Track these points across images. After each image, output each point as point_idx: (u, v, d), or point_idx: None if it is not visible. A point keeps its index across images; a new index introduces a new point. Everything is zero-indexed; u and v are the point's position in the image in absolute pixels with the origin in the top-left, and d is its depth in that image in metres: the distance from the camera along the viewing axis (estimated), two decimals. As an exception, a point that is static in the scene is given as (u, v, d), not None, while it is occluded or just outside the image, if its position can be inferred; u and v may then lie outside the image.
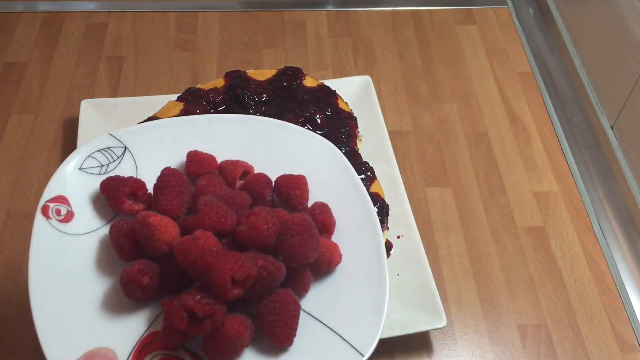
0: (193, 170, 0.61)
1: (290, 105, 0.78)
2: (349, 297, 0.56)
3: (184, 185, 0.58)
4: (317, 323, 0.55)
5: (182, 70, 0.97)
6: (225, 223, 0.55)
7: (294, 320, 0.53)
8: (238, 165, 0.62)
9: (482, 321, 0.73)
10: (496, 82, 0.98)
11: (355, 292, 0.56)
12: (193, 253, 0.52)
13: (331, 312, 0.55)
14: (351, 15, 1.07)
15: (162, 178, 0.58)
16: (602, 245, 0.80)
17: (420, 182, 0.85)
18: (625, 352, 0.71)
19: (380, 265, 0.56)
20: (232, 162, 0.62)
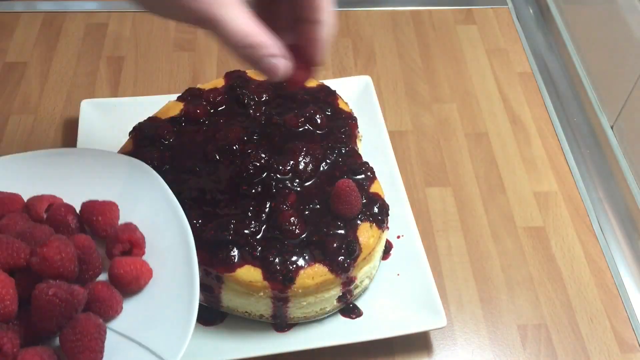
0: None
1: (290, 105, 0.78)
2: (159, 312, 0.57)
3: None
4: (127, 341, 0.56)
5: (182, 70, 0.97)
6: (18, 258, 0.56)
7: (97, 342, 0.54)
8: (43, 199, 0.62)
9: (482, 321, 0.73)
10: (496, 82, 0.98)
11: (165, 305, 0.58)
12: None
13: (141, 328, 0.57)
14: (351, 15, 1.07)
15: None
16: (602, 245, 0.80)
17: (420, 182, 0.85)
18: (625, 352, 0.71)
19: (190, 276, 0.58)
20: (37, 197, 0.63)
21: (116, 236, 0.60)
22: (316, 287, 0.65)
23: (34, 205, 0.62)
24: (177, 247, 0.60)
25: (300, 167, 0.71)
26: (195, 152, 0.73)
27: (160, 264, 0.60)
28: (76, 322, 0.54)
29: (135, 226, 0.61)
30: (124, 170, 0.66)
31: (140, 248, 0.61)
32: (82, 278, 0.58)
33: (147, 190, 0.64)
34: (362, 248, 0.67)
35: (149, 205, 0.63)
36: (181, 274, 0.59)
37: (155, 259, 0.60)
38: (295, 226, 0.66)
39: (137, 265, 0.59)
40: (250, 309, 0.68)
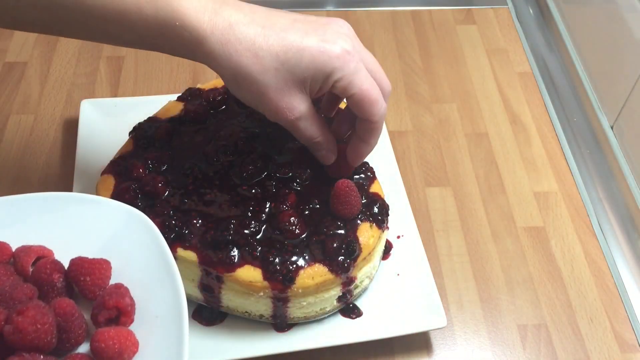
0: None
1: (290, 105, 0.78)
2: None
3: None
4: None
5: (182, 70, 0.97)
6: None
7: None
8: (31, 251, 0.58)
9: (482, 321, 0.73)
10: (496, 82, 0.98)
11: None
12: None
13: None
14: (351, 15, 1.07)
15: None
16: (602, 245, 0.80)
17: (420, 182, 0.85)
18: (625, 352, 0.71)
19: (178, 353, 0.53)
20: (25, 248, 0.59)
21: (103, 302, 0.56)
22: (316, 287, 0.65)
23: (20, 258, 0.58)
24: (169, 317, 0.55)
25: (300, 167, 0.71)
26: (195, 152, 0.73)
27: (149, 335, 0.55)
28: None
29: (125, 289, 0.57)
30: (122, 221, 0.61)
31: (128, 316, 0.56)
32: (62, 347, 0.54)
33: (143, 245, 0.60)
34: (362, 248, 0.67)
35: (143, 262, 0.59)
36: (169, 350, 0.54)
37: (144, 328, 0.56)
38: (295, 226, 0.66)
39: (121, 338, 0.54)
40: (250, 309, 0.68)
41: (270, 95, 0.61)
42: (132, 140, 0.75)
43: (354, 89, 0.62)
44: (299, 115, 0.63)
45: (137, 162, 0.71)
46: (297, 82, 0.61)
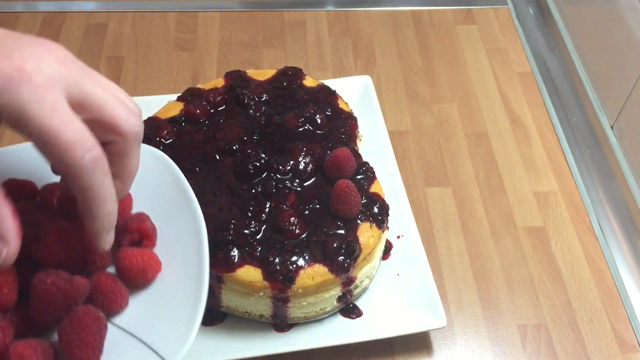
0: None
1: (290, 105, 0.78)
2: (164, 309, 0.55)
3: None
4: (129, 337, 0.54)
5: (182, 70, 0.97)
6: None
7: (94, 337, 0.51)
8: (55, 187, 0.60)
9: (482, 321, 0.73)
10: (496, 82, 0.98)
11: (172, 302, 0.55)
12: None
13: (145, 324, 0.54)
14: (351, 15, 1.07)
15: None
16: (602, 245, 0.80)
17: (420, 182, 0.85)
18: (625, 352, 0.71)
19: (200, 275, 0.55)
20: (50, 185, 0.61)
21: (125, 226, 0.58)
22: (316, 287, 0.65)
23: (45, 195, 0.60)
24: (190, 240, 0.58)
25: (300, 167, 0.71)
26: (195, 152, 0.73)
27: (170, 257, 0.57)
28: (75, 315, 0.52)
29: (147, 216, 0.59)
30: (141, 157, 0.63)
31: (150, 239, 0.58)
32: (89, 269, 0.56)
33: (163, 180, 0.62)
34: (362, 248, 0.67)
35: (163, 195, 0.61)
36: (191, 269, 0.56)
37: (166, 251, 0.58)
38: (295, 226, 0.66)
39: (144, 257, 0.56)
40: (250, 309, 0.68)
41: None
42: (132, 140, 0.75)
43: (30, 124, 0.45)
44: None
45: (137, 162, 0.71)
46: None
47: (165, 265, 0.57)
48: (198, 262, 0.56)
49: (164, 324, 0.54)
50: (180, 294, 0.55)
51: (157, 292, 0.56)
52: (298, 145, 0.73)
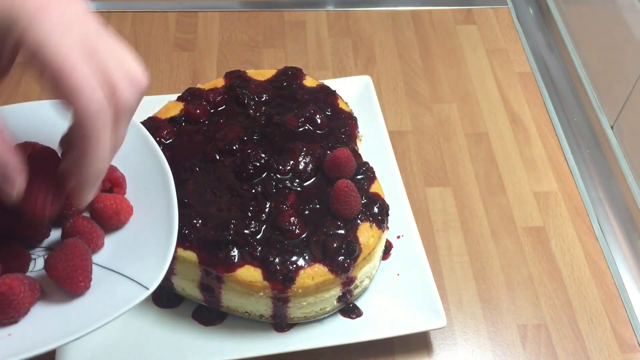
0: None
1: (290, 105, 0.78)
2: (139, 245, 0.59)
3: None
4: (108, 272, 0.57)
5: (182, 70, 0.97)
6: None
7: (88, 263, 0.55)
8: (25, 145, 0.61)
9: (482, 321, 0.73)
10: (496, 82, 0.98)
11: (145, 239, 0.59)
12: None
13: (122, 260, 0.58)
14: (351, 15, 1.07)
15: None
16: (602, 245, 0.80)
17: (420, 182, 0.85)
18: (625, 352, 0.71)
19: (169, 211, 0.59)
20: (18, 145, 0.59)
21: None
22: (316, 287, 0.65)
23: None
24: (158, 187, 0.62)
25: (300, 167, 0.71)
26: (195, 152, 0.73)
27: (141, 202, 0.61)
28: (65, 245, 0.55)
29: (115, 167, 0.62)
30: None
31: (121, 187, 0.62)
32: (65, 214, 0.59)
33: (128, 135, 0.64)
34: (362, 248, 0.67)
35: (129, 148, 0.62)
36: (161, 209, 0.60)
37: (136, 197, 0.62)
38: (295, 226, 0.66)
39: (117, 201, 0.60)
40: (250, 309, 0.68)
41: None
42: (132, 140, 0.75)
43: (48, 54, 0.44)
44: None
45: (137, 162, 0.71)
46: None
47: (136, 209, 0.61)
48: (167, 204, 0.60)
49: (140, 258, 0.57)
50: (152, 232, 0.59)
51: (131, 232, 0.60)
52: (298, 145, 0.73)
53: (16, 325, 0.53)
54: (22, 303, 0.53)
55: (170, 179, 0.62)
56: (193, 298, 0.70)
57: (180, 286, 0.69)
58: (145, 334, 0.67)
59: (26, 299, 0.53)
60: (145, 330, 0.68)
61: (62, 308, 0.54)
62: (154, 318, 0.69)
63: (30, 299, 0.54)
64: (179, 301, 0.70)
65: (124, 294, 0.54)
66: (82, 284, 0.54)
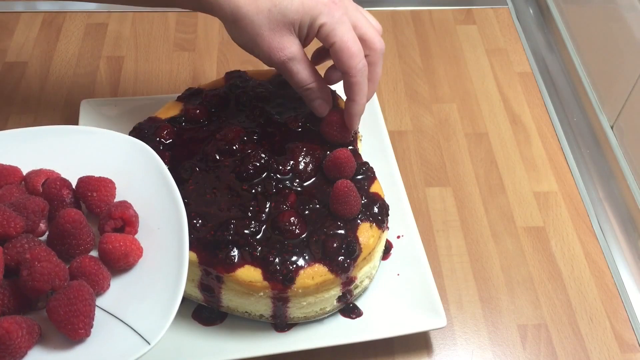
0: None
1: (290, 105, 0.78)
2: (145, 291, 0.57)
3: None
4: (111, 318, 0.56)
5: (182, 70, 0.97)
6: (8, 227, 0.56)
7: (90, 309, 0.54)
8: (40, 173, 0.63)
9: (482, 321, 0.73)
10: (496, 82, 0.98)
11: (152, 285, 0.57)
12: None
13: (126, 306, 0.56)
14: (351, 15, 1.07)
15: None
16: (602, 245, 0.80)
17: (420, 182, 0.85)
18: (625, 352, 0.71)
19: (180, 258, 0.58)
20: (35, 171, 0.63)
21: (109, 213, 0.60)
22: (316, 287, 0.65)
23: (31, 179, 0.62)
24: (170, 228, 0.60)
25: (300, 167, 0.71)
26: (195, 152, 0.73)
27: (152, 244, 0.60)
28: (69, 288, 0.54)
29: (129, 204, 0.61)
30: (124, 148, 0.66)
31: (133, 226, 0.61)
32: (72, 253, 0.58)
33: (145, 170, 0.64)
34: (362, 248, 0.67)
35: (145, 184, 0.63)
36: (172, 255, 0.58)
37: (147, 238, 0.60)
38: (295, 226, 0.66)
39: (127, 242, 0.58)
40: (250, 309, 0.68)
41: (263, 35, 0.67)
42: (132, 140, 0.75)
43: (335, 37, 0.68)
44: (291, 55, 0.69)
45: (137, 162, 0.71)
46: (287, 24, 0.67)
47: (146, 251, 0.60)
48: (178, 249, 0.58)
49: (144, 306, 0.56)
50: (160, 278, 0.57)
51: (138, 276, 0.58)
52: (298, 145, 0.73)
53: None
54: (18, 347, 0.52)
55: (184, 221, 0.60)
56: (193, 298, 0.70)
57: (180, 286, 0.69)
58: (145, 334, 0.67)
59: (24, 343, 0.52)
60: (145, 330, 0.68)
61: (60, 355, 0.53)
62: (154, 318, 0.69)
63: (28, 343, 0.53)
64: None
65: (124, 346, 0.53)
66: (82, 331, 0.53)
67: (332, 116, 0.74)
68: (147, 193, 0.63)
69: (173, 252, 0.58)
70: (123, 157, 0.65)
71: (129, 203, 0.61)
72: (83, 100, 0.86)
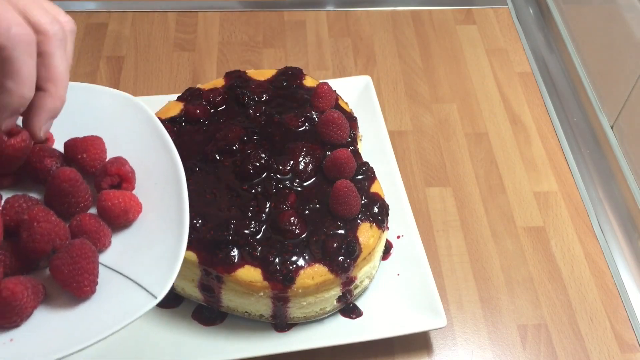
0: None
1: (290, 104, 0.78)
2: (148, 246, 0.56)
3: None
4: (115, 275, 0.55)
5: (182, 70, 0.97)
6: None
7: (94, 266, 0.53)
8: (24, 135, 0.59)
9: (482, 321, 0.73)
10: (496, 82, 0.98)
11: (154, 240, 0.56)
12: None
13: (129, 262, 0.56)
14: (351, 15, 1.07)
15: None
16: (602, 245, 0.80)
17: (420, 182, 0.85)
18: (625, 352, 0.71)
19: (180, 211, 0.57)
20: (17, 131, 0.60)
21: (105, 170, 0.59)
22: (316, 287, 0.65)
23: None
24: (168, 182, 0.59)
25: (300, 167, 0.71)
26: (195, 152, 0.73)
27: (150, 199, 0.59)
28: (72, 246, 0.53)
29: (124, 160, 0.60)
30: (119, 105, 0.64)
31: (130, 182, 0.60)
32: (71, 212, 0.58)
33: (137, 125, 0.63)
34: (362, 248, 0.67)
35: (138, 139, 0.62)
36: (171, 208, 0.57)
37: (145, 193, 0.59)
38: (295, 226, 0.66)
39: (125, 199, 0.57)
40: (250, 309, 0.68)
41: None
42: (132, 140, 0.75)
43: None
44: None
45: (137, 162, 0.71)
46: None
47: (145, 206, 0.59)
48: (177, 203, 0.57)
49: (148, 260, 0.55)
50: (162, 232, 0.56)
51: (139, 231, 0.58)
52: (298, 145, 0.73)
53: (18, 330, 0.52)
54: (25, 307, 0.52)
55: (181, 175, 0.59)
56: (193, 298, 0.70)
57: (180, 286, 0.69)
58: (145, 333, 0.67)
59: (29, 303, 0.52)
60: (145, 330, 0.68)
61: (66, 313, 0.53)
62: (154, 318, 0.69)
63: (34, 302, 0.53)
64: (179, 301, 0.70)
65: (131, 302, 0.52)
66: (87, 289, 0.53)
67: (328, 115, 0.74)
68: (140, 147, 0.61)
69: (173, 206, 0.57)
70: (110, 112, 0.63)
71: (124, 159, 0.60)
72: (83, 100, 0.86)
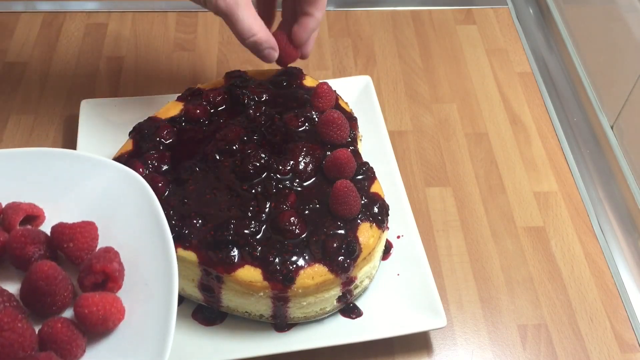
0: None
1: (290, 105, 0.78)
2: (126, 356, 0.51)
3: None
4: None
5: (182, 70, 0.97)
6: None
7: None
8: (20, 209, 0.57)
9: (482, 321, 0.73)
10: (496, 82, 0.98)
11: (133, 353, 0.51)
12: None
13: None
14: (351, 15, 1.07)
15: None
16: (602, 245, 0.80)
17: (420, 182, 0.85)
18: (625, 352, 0.71)
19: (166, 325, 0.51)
20: (15, 206, 0.58)
21: (90, 265, 0.54)
22: (316, 287, 0.65)
23: (8, 216, 0.57)
24: (159, 285, 0.54)
25: (300, 167, 0.71)
26: (195, 152, 0.73)
27: (136, 303, 0.53)
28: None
29: (115, 253, 0.55)
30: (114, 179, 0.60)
31: (116, 282, 0.54)
32: (48, 311, 0.53)
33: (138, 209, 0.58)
34: (362, 248, 0.67)
35: (136, 226, 0.57)
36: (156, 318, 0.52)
37: (133, 293, 0.54)
38: (295, 226, 0.66)
39: (106, 305, 0.52)
40: (250, 309, 0.68)
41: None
42: (132, 140, 0.75)
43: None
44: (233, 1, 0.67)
45: (137, 162, 0.71)
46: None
47: (129, 311, 0.53)
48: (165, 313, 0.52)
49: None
50: (142, 346, 0.51)
51: (118, 341, 0.52)
52: (298, 145, 0.73)
53: None
54: None
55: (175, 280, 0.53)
56: (193, 298, 0.70)
57: (180, 286, 0.69)
58: (145, 334, 0.67)
59: None
60: (145, 330, 0.67)
61: None
62: (154, 318, 0.69)
63: None
64: (179, 301, 0.70)
65: None
66: None
67: (328, 115, 0.74)
68: (136, 236, 0.56)
69: (159, 317, 0.52)
70: (112, 189, 0.59)
71: (115, 252, 0.55)
72: (83, 100, 0.86)
